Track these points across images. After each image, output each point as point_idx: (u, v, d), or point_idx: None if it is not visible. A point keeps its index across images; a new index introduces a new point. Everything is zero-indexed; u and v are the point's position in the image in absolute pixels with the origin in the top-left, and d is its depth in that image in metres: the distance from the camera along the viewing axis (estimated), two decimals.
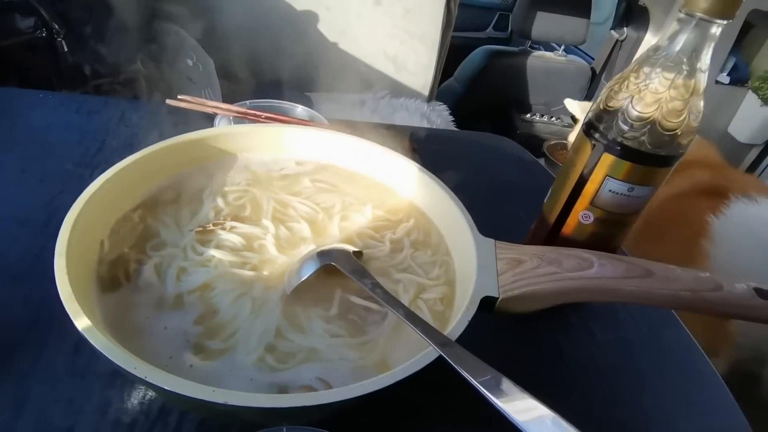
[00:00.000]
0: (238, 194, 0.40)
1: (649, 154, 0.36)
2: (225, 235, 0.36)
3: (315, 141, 0.46)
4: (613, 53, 1.93)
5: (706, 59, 0.34)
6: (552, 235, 0.44)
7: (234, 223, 0.37)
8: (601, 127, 0.37)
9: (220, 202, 0.39)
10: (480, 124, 1.94)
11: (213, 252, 0.34)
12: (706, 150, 1.03)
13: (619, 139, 0.36)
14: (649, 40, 1.60)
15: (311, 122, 0.57)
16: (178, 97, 0.54)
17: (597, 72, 2.00)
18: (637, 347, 0.45)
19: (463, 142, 0.71)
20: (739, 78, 1.54)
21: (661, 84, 0.34)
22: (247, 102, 0.58)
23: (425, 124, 1.31)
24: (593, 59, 2.09)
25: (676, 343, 0.46)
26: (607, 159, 0.37)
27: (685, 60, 0.34)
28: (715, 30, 0.33)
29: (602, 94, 0.38)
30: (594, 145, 0.38)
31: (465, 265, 0.36)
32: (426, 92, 1.39)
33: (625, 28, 1.85)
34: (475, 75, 1.88)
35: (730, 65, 1.51)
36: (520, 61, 1.87)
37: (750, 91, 1.49)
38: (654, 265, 0.33)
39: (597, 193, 0.39)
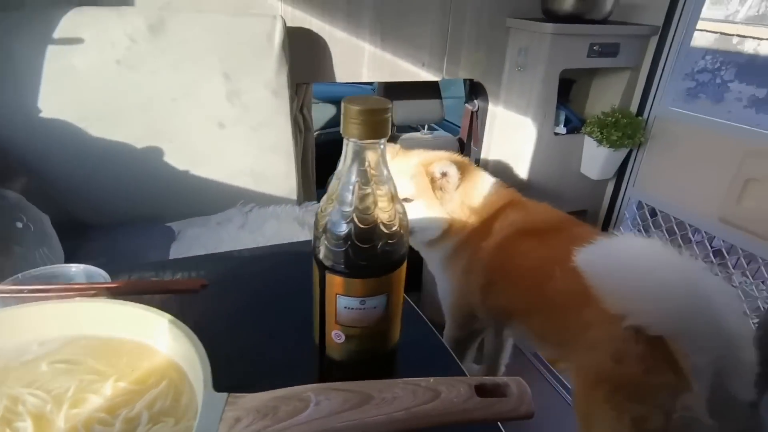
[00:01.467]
0: None
1: (363, 267, 0.36)
2: None
3: (58, 315, 0.42)
4: (473, 123, 2.12)
5: (383, 172, 0.36)
6: (323, 361, 0.42)
7: None
8: (319, 250, 0.38)
9: None
10: None
11: None
12: (505, 192, 1.12)
13: (332, 258, 0.37)
14: (492, 109, 1.78)
15: (84, 285, 0.53)
16: None
17: (465, 141, 2.17)
18: None
19: (267, 257, 0.70)
20: (575, 126, 1.73)
21: (347, 204, 0.35)
22: (19, 275, 0.54)
23: (298, 228, 1.31)
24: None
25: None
26: (332, 279, 0.37)
27: (358, 178, 0.35)
28: (379, 146, 0.35)
29: (315, 218, 0.39)
30: (318, 267, 0.38)
31: None
32: (294, 196, 1.41)
33: (475, 101, 2.04)
34: None
35: (562, 118, 1.70)
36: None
37: (587, 136, 1.67)
38: (375, 387, 0.32)
39: (336, 312, 0.38)
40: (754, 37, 6.04)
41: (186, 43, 1.13)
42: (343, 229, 0.35)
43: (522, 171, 1.73)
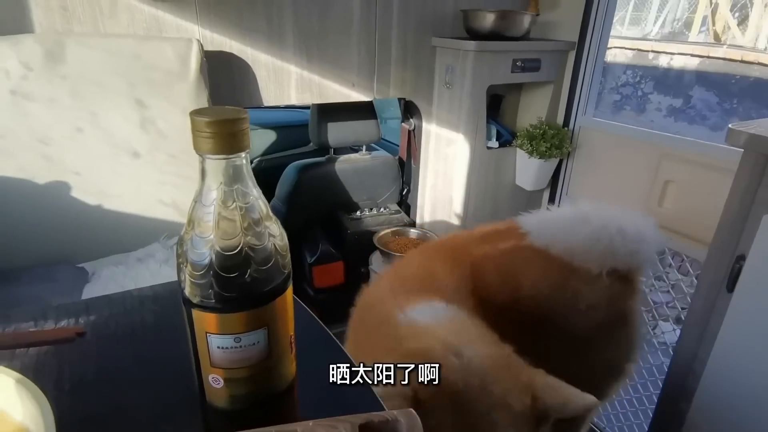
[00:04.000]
0: None
1: (233, 300, 0.32)
2: None
3: None
4: (411, 141, 2.12)
5: (247, 189, 0.32)
6: (206, 411, 0.37)
7: None
8: (183, 285, 0.33)
9: None
10: (312, 236, 1.93)
11: None
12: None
13: (196, 292, 0.32)
14: (426, 127, 1.79)
15: None
16: None
17: (405, 159, 2.17)
18: None
19: (158, 297, 0.62)
20: (507, 140, 1.78)
21: (206, 229, 0.31)
22: None
23: None
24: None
25: None
26: (200, 316, 0.33)
27: (216, 198, 0.31)
28: (241, 160, 0.31)
29: (176, 249, 0.34)
30: (185, 305, 0.33)
31: None
32: None
33: (411, 120, 2.06)
34: (292, 191, 1.90)
35: (494, 132, 1.74)
36: (328, 168, 1.95)
37: (518, 149, 1.71)
38: None
39: (209, 353, 0.33)
40: (667, 53, 6.61)
41: (89, 68, 1.05)
42: (204, 257, 0.31)
43: (459, 186, 1.74)
